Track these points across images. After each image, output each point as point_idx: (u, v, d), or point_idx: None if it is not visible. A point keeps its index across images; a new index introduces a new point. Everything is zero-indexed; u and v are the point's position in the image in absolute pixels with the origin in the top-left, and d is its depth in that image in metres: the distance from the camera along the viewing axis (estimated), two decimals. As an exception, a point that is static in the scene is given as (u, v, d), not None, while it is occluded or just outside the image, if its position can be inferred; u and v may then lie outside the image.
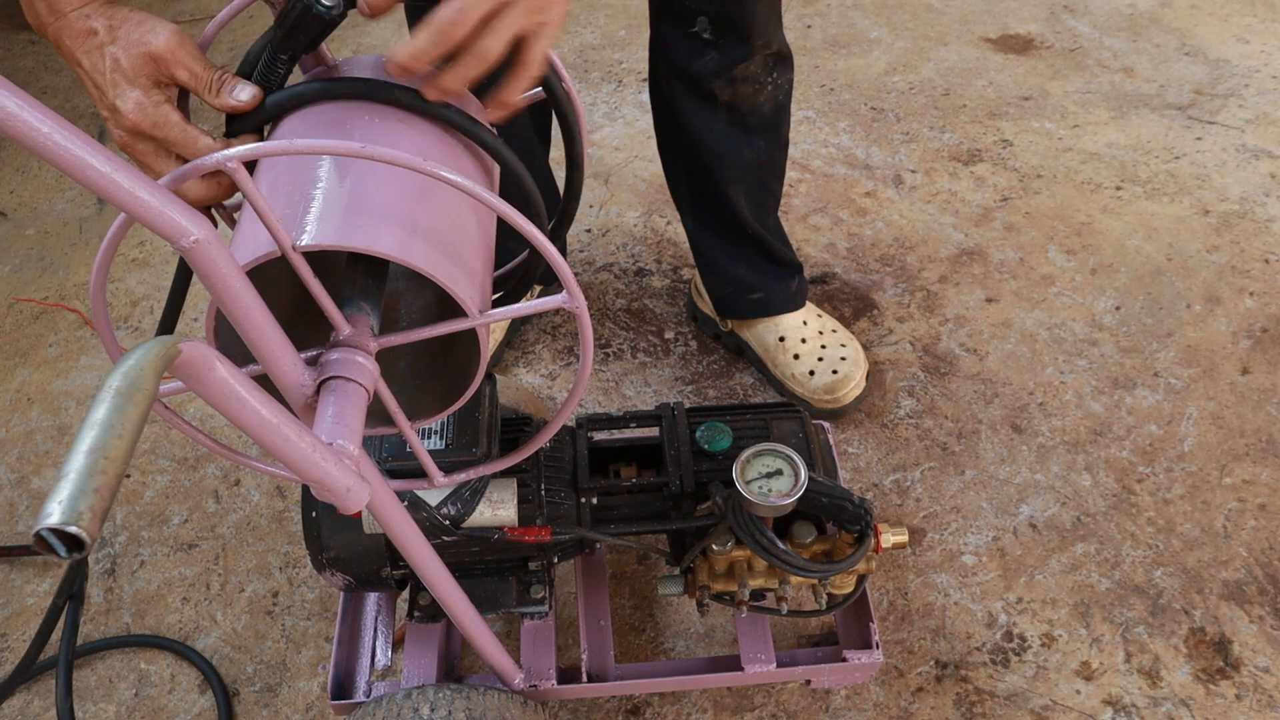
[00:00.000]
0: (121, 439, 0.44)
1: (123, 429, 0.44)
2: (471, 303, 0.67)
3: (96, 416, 0.44)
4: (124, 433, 0.44)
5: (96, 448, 0.43)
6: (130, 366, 0.47)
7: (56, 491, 0.41)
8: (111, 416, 0.44)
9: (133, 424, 0.45)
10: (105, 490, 0.42)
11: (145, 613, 1.33)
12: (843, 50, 2.30)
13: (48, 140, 0.47)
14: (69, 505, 0.40)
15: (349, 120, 0.70)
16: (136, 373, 0.47)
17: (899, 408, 1.52)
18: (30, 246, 1.92)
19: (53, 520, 0.40)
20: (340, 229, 0.63)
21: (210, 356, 0.53)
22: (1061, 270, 1.73)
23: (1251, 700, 1.19)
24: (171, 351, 0.49)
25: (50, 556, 0.42)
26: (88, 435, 0.43)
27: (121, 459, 0.44)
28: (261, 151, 0.58)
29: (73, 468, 0.42)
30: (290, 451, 0.59)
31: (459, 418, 0.96)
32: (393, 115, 0.70)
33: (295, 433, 0.58)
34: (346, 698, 1.12)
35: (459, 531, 0.98)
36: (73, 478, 0.41)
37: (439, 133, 0.72)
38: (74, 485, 0.41)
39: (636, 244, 1.83)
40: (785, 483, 0.94)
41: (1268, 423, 1.47)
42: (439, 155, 0.71)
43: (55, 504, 0.40)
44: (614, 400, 1.56)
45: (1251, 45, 2.23)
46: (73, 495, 0.41)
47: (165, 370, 0.49)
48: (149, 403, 0.46)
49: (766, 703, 1.20)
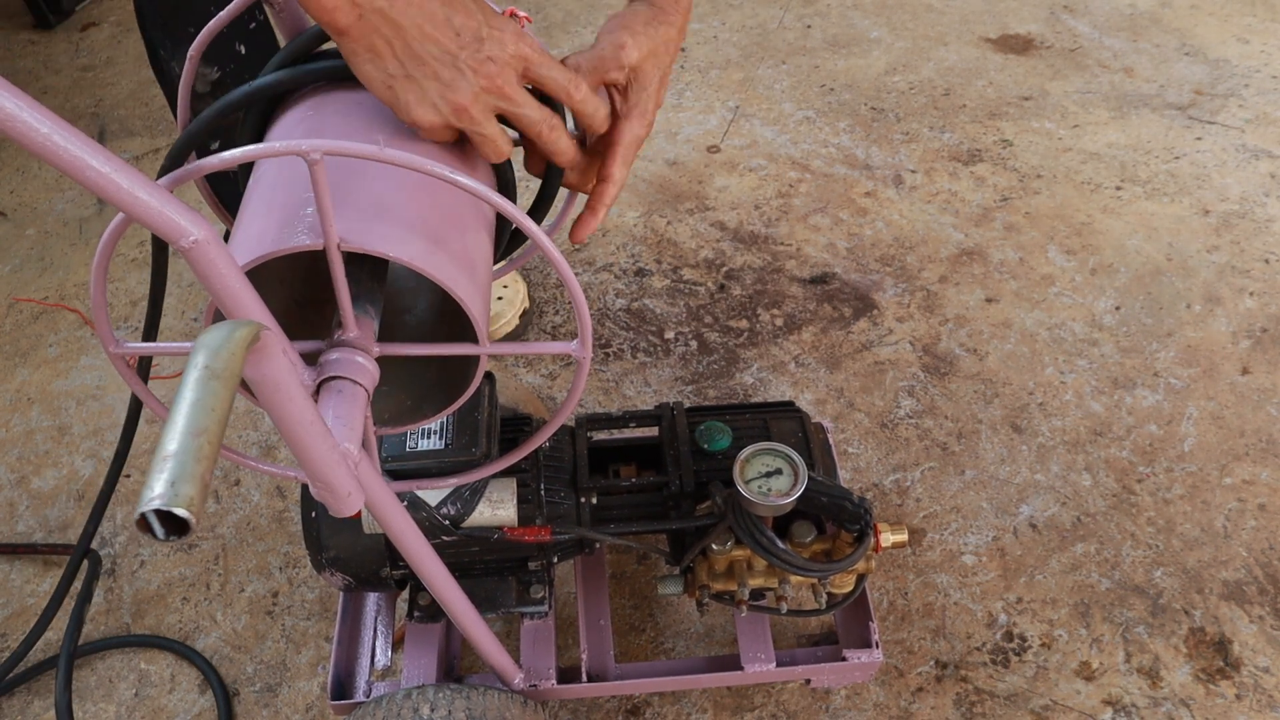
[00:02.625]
0: (217, 419, 0.44)
1: (215, 407, 0.44)
2: (481, 322, 0.68)
3: (192, 397, 0.44)
4: (219, 412, 0.44)
5: (198, 429, 0.42)
6: (219, 346, 0.46)
7: (160, 472, 0.40)
8: (207, 396, 0.44)
9: (225, 403, 0.45)
10: (207, 472, 0.42)
11: (145, 613, 1.33)
12: (843, 50, 2.30)
13: (47, 141, 0.47)
14: (174, 487, 0.40)
15: (350, 116, 0.70)
16: (227, 352, 0.46)
17: (899, 408, 1.52)
18: (30, 246, 1.92)
19: (158, 502, 0.39)
20: (382, 236, 0.63)
21: (280, 345, 0.53)
22: (1061, 270, 1.73)
23: (1251, 700, 1.18)
24: (255, 333, 0.49)
25: (147, 536, 0.41)
26: (184, 416, 0.43)
27: (218, 439, 0.43)
28: (347, 151, 0.58)
29: (174, 448, 0.41)
30: (315, 450, 0.59)
31: (459, 417, 0.96)
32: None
33: (323, 433, 0.59)
34: (346, 698, 1.12)
35: (459, 531, 0.98)
36: (176, 459, 0.41)
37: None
38: (178, 467, 0.41)
39: (636, 244, 1.83)
40: (785, 482, 0.94)
41: (1268, 423, 1.47)
42: (449, 154, 0.71)
43: (161, 485, 0.40)
44: (614, 400, 1.56)
45: (1251, 45, 2.23)
46: (177, 477, 0.40)
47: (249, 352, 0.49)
48: (237, 382, 0.46)
49: (766, 702, 1.20)
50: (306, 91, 0.73)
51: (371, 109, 0.70)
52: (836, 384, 1.56)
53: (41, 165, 2.11)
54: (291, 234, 0.62)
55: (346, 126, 0.69)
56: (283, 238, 0.62)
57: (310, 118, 0.70)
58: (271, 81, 0.70)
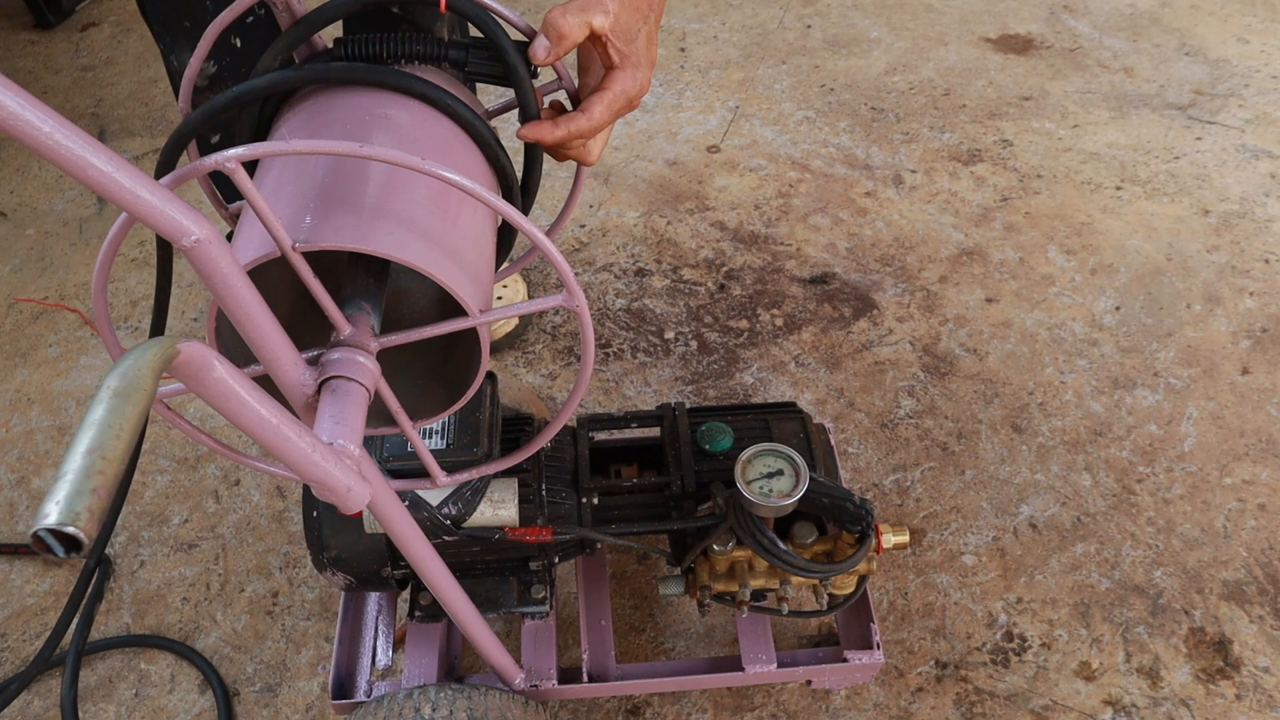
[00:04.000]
0: (119, 439, 0.44)
1: (120, 429, 0.44)
2: (471, 301, 0.67)
3: (94, 417, 0.44)
4: (122, 433, 0.44)
5: (94, 448, 0.43)
6: (128, 367, 0.47)
7: (54, 492, 0.41)
8: (109, 416, 0.44)
9: (131, 424, 0.45)
10: (103, 490, 0.42)
11: (145, 613, 1.33)
12: (843, 50, 2.30)
13: (49, 140, 0.47)
14: (66, 506, 0.40)
15: (348, 114, 0.70)
16: (134, 373, 0.47)
17: (899, 408, 1.52)
18: (30, 246, 1.92)
19: (50, 521, 0.39)
20: (339, 229, 0.63)
21: (209, 356, 0.53)
22: (1061, 270, 1.73)
23: (1251, 700, 1.19)
24: (170, 352, 0.49)
25: (48, 556, 0.42)
26: (85, 436, 0.43)
27: (119, 459, 0.43)
28: (260, 152, 0.58)
29: (70, 468, 0.42)
30: (291, 452, 0.58)
31: (460, 417, 0.96)
32: (394, 105, 0.70)
33: (295, 433, 0.58)
34: (347, 697, 1.12)
35: (460, 531, 0.98)
36: (70, 478, 0.41)
37: (435, 121, 0.73)
38: (71, 485, 0.41)
39: (636, 244, 1.83)
40: (786, 483, 0.94)
41: (1268, 423, 1.47)
42: (436, 147, 0.71)
43: (53, 504, 0.40)
44: (614, 400, 1.56)
45: (1251, 45, 2.23)
46: (70, 495, 0.40)
47: (164, 370, 0.49)
48: (147, 403, 0.46)
49: (767, 703, 1.20)
50: (311, 90, 0.73)
51: (373, 110, 0.70)
52: (836, 384, 1.56)
53: (42, 165, 2.11)
54: (294, 234, 0.62)
55: (348, 126, 0.69)
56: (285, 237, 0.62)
57: (313, 118, 0.70)
58: (262, 85, 0.70)
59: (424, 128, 0.72)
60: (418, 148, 0.69)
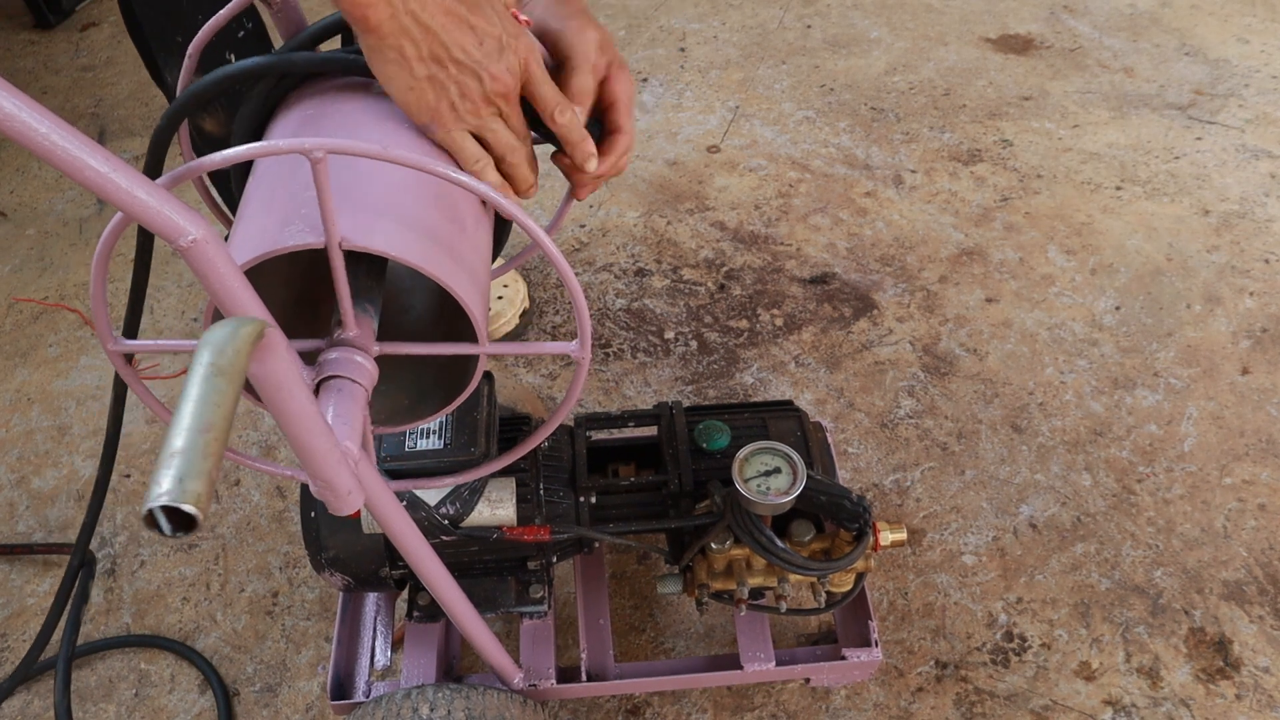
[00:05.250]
0: (223, 415, 0.44)
1: (222, 405, 0.45)
2: (483, 327, 0.68)
3: (197, 393, 0.44)
4: (224, 409, 0.45)
5: (205, 425, 0.43)
6: (225, 343, 0.47)
7: (168, 469, 0.41)
8: (212, 393, 0.45)
9: (230, 400, 0.45)
10: (214, 468, 0.42)
11: (145, 613, 1.33)
12: (843, 50, 2.30)
13: (46, 140, 0.47)
14: (182, 483, 0.40)
15: (349, 112, 0.70)
16: (232, 349, 0.47)
17: (899, 408, 1.52)
18: (30, 246, 1.92)
19: (166, 499, 0.40)
20: (377, 233, 0.63)
21: (283, 343, 0.54)
22: (1061, 270, 1.73)
23: (1251, 700, 1.18)
24: (260, 330, 0.50)
25: (155, 534, 0.42)
26: (192, 413, 0.43)
27: (224, 435, 0.44)
28: (351, 149, 0.58)
29: (182, 446, 0.42)
30: (318, 449, 0.59)
31: (457, 417, 0.96)
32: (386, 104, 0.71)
33: (325, 431, 0.59)
34: (346, 698, 1.12)
35: (458, 531, 0.98)
36: (184, 455, 0.41)
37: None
38: (185, 463, 0.41)
39: (636, 244, 1.83)
40: (784, 481, 0.94)
41: (1268, 423, 1.47)
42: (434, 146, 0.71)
43: (168, 482, 0.40)
44: (614, 400, 1.56)
45: (1251, 45, 2.23)
46: (184, 473, 0.41)
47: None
48: (242, 379, 0.47)
49: (766, 702, 1.20)
50: (305, 93, 0.73)
51: (373, 111, 0.70)
52: (836, 384, 1.56)
53: (41, 165, 2.11)
54: (291, 232, 0.62)
55: (348, 127, 0.69)
56: (283, 236, 0.62)
57: (312, 118, 0.71)
58: (289, 60, 0.70)
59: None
60: (419, 146, 0.70)
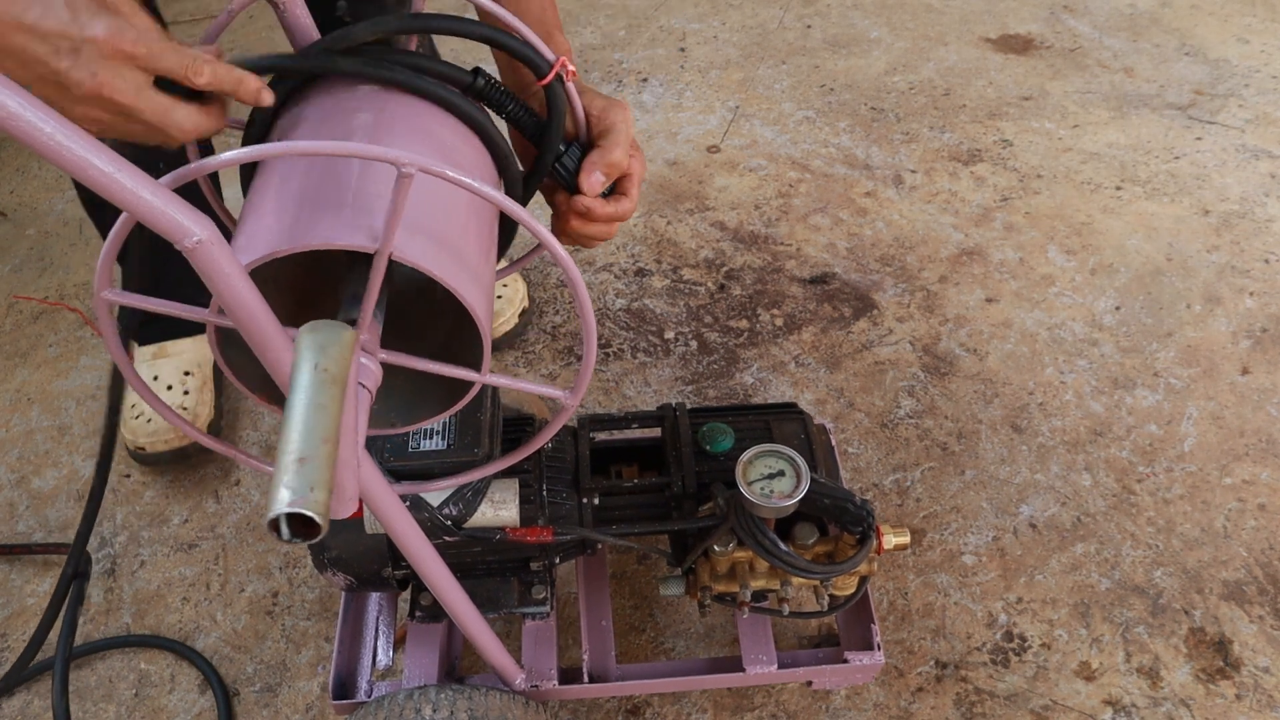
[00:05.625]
0: (336, 424, 0.46)
1: (335, 412, 0.46)
2: (489, 357, 0.69)
3: (315, 399, 0.46)
4: (337, 416, 0.46)
5: (325, 435, 0.44)
6: (328, 344, 0.48)
7: (294, 476, 0.42)
8: (329, 401, 0.46)
9: (340, 406, 0.47)
10: (332, 477, 0.44)
11: (145, 613, 1.33)
12: (843, 50, 2.30)
13: (50, 140, 0.47)
14: (312, 491, 0.42)
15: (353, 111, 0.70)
16: (337, 353, 0.48)
17: (899, 408, 1.52)
18: (30, 246, 1.92)
19: (296, 505, 0.41)
20: (422, 249, 0.63)
21: (357, 345, 0.56)
22: (1061, 270, 1.73)
23: (1251, 700, 1.19)
24: (354, 337, 0.52)
25: (275, 539, 0.44)
26: (313, 419, 0.45)
27: (338, 443, 0.46)
28: (438, 172, 0.57)
29: (308, 454, 0.43)
30: (343, 451, 0.60)
31: (461, 418, 0.96)
32: (404, 104, 0.71)
33: (351, 436, 0.61)
34: (348, 698, 1.12)
35: (461, 532, 0.98)
36: (312, 464, 0.43)
37: (443, 121, 0.73)
38: (313, 471, 0.42)
39: (636, 244, 1.83)
40: (787, 484, 0.94)
41: (1268, 423, 1.47)
42: (449, 150, 0.72)
43: (296, 489, 0.42)
44: (614, 400, 1.56)
45: (1251, 45, 2.23)
46: (314, 481, 0.42)
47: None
48: (345, 385, 0.49)
49: (767, 703, 1.20)
50: (314, 91, 0.73)
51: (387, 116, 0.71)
52: (836, 384, 1.56)
53: (42, 165, 2.10)
54: (337, 232, 0.61)
55: (371, 131, 0.69)
56: (295, 236, 0.62)
57: (325, 119, 0.70)
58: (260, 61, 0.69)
59: (434, 130, 0.72)
60: (440, 152, 0.70)
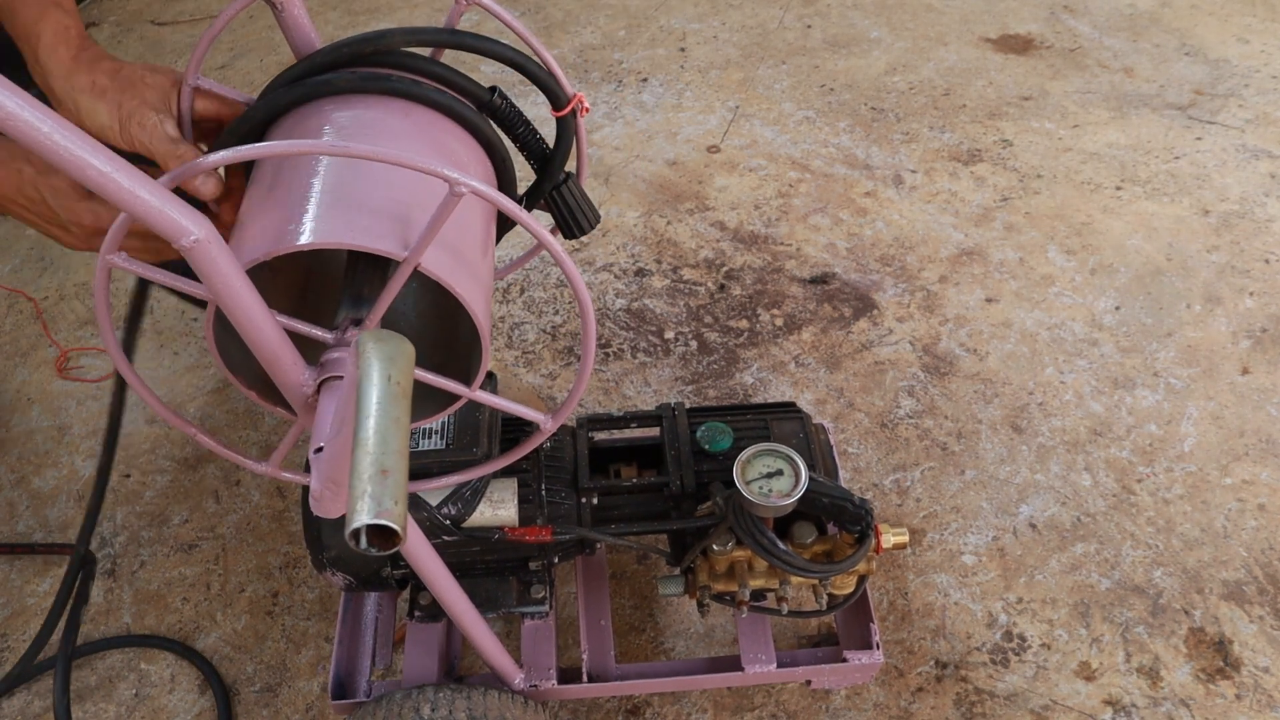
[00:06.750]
0: (407, 435, 0.48)
1: (406, 426, 0.48)
2: (487, 361, 0.69)
3: (389, 414, 0.47)
4: (408, 428, 0.48)
5: (400, 449, 0.46)
6: (399, 363, 0.50)
7: (375, 488, 0.44)
8: (402, 415, 0.48)
9: (408, 416, 0.49)
10: (406, 490, 0.46)
11: (145, 613, 1.33)
12: (843, 50, 2.30)
13: (48, 139, 0.47)
14: (395, 505, 0.43)
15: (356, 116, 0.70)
16: (406, 372, 0.50)
17: (899, 408, 1.52)
18: (30, 246, 1.92)
19: (381, 519, 0.43)
20: (450, 267, 0.63)
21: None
22: (1061, 270, 1.73)
23: (1251, 700, 1.18)
24: (413, 350, 0.53)
25: (358, 548, 0.46)
26: (388, 435, 0.46)
27: (408, 454, 0.47)
28: (487, 195, 0.59)
29: (388, 467, 0.45)
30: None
31: (459, 417, 0.96)
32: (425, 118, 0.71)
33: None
34: (347, 697, 1.12)
35: (460, 531, 0.98)
36: (392, 478, 0.44)
37: (446, 129, 0.73)
38: (393, 485, 0.44)
39: (636, 244, 1.83)
40: (786, 483, 0.94)
41: (1268, 423, 1.47)
42: (448, 153, 0.72)
43: (378, 502, 0.43)
44: (614, 400, 1.56)
45: (1251, 45, 2.23)
46: (395, 495, 0.44)
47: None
48: (410, 397, 0.50)
49: (766, 702, 1.20)
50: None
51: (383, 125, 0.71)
52: (836, 384, 1.56)
53: (41, 165, 2.10)
54: (298, 232, 0.62)
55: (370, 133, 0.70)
56: (288, 236, 0.62)
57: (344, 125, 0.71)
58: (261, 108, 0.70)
59: (430, 133, 0.72)
60: (441, 152, 0.70)
